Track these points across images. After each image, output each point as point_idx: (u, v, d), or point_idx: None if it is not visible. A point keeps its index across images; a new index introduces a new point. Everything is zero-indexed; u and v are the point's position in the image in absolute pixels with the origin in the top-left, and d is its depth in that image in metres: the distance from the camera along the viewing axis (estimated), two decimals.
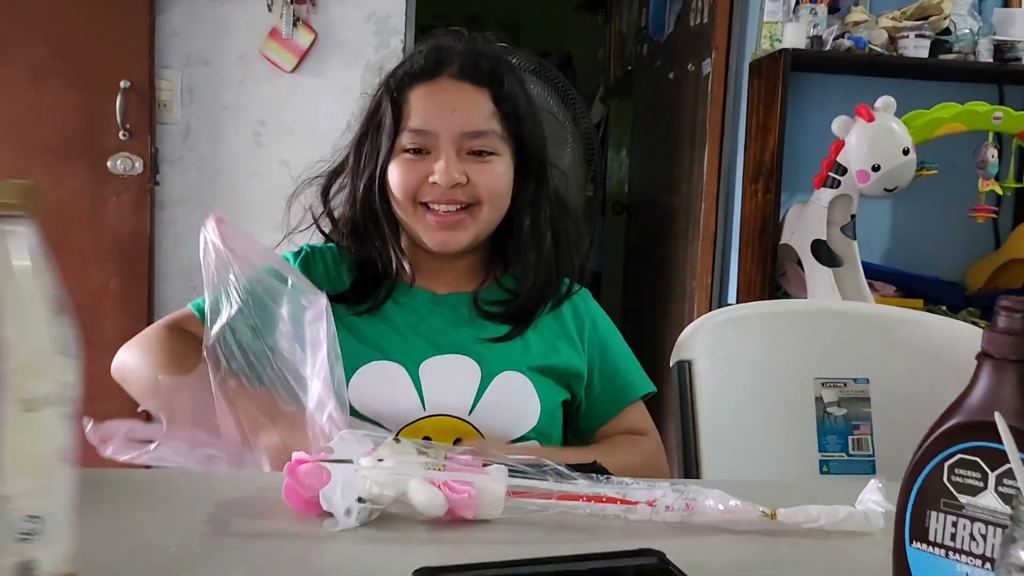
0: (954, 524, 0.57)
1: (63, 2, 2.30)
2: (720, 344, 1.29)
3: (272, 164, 2.48)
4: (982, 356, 0.56)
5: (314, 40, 2.44)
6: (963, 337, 1.29)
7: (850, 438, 1.47)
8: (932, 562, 0.58)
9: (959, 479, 0.56)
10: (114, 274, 2.32)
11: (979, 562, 0.55)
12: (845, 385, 1.43)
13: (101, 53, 2.30)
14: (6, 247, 0.49)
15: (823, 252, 2.22)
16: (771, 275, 2.38)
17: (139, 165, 2.33)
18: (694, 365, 1.24)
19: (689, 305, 2.74)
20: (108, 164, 2.32)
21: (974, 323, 2.28)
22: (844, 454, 1.46)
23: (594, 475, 0.79)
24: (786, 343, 1.36)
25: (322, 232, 1.12)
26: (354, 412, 0.95)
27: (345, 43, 2.47)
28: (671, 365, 1.26)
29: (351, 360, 0.97)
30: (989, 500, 0.55)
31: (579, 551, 0.66)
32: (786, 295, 2.40)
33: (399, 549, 0.69)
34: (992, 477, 0.55)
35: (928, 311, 2.08)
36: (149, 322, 2.38)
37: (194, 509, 0.75)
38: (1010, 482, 0.53)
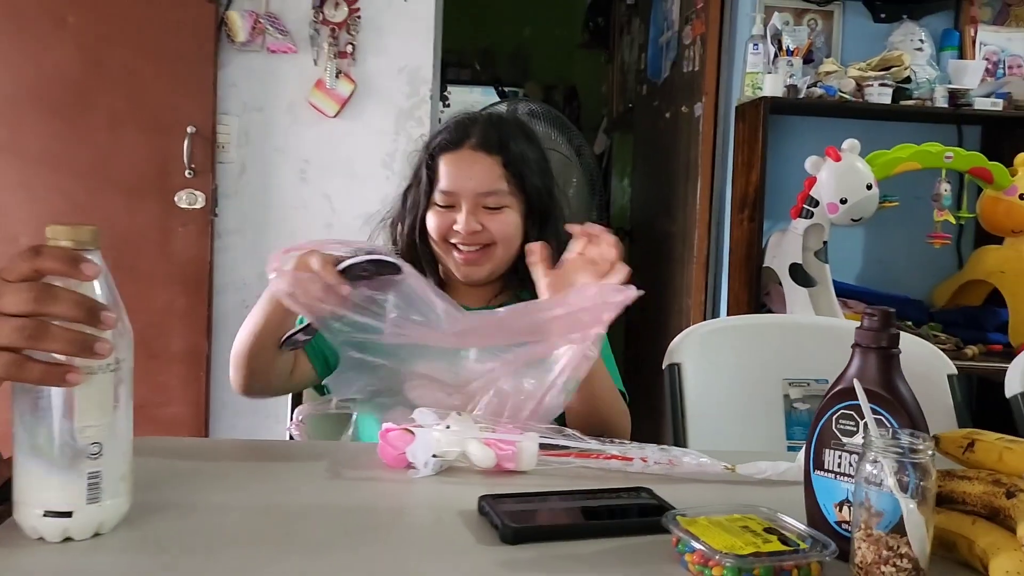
0: (839, 457, 0.79)
1: (139, 58, 2.53)
2: (705, 350, 1.51)
3: (315, 198, 2.71)
4: (854, 346, 0.81)
5: (353, 89, 2.66)
6: (906, 344, 1.56)
7: None
8: (827, 484, 0.80)
9: (841, 426, 0.80)
10: (180, 294, 2.52)
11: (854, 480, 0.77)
12: (809, 384, 1.63)
13: (171, 102, 2.53)
14: None
15: (799, 274, 2.38)
16: (756, 294, 2.54)
17: (202, 199, 2.56)
18: (683, 368, 1.47)
19: (686, 321, 2.90)
20: (175, 199, 2.55)
21: (935, 336, 2.49)
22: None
23: (601, 438, 1.05)
24: (760, 350, 1.57)
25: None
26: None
27: (380, 91, 2.69)
28: (663, 367, 1.48)
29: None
30: (859, 439, 0.78)
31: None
32: (770, 311, 2.54)
33: (462, 489, 0.91)
34: (861, 424, 0.78)
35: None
36: (209, 336, 2.67)
37: (315, 465, 1.01)
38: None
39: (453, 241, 1.26)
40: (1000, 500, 0.78)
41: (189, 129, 2.55)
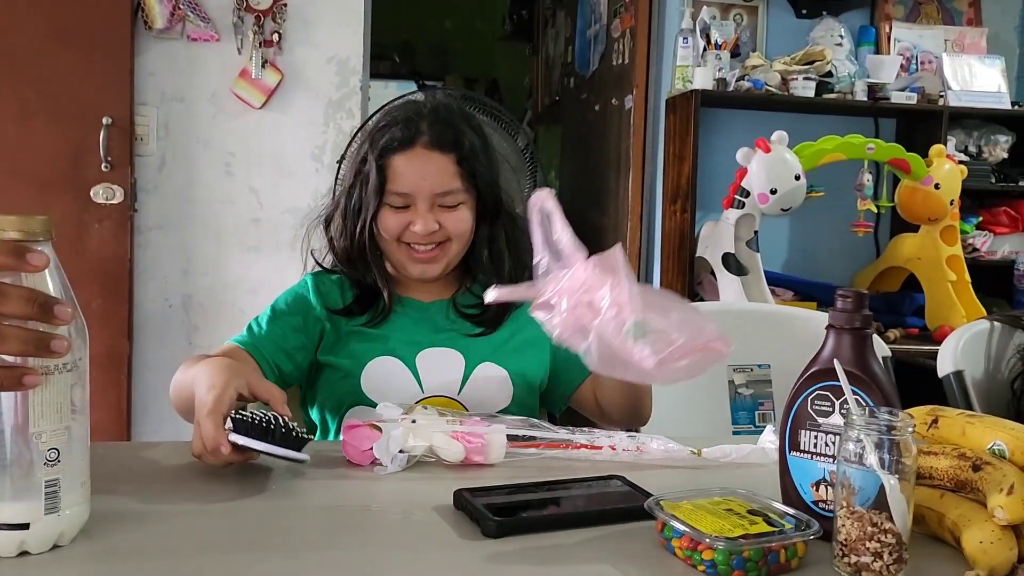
0: (815, 437, 0.80)
1: (49, 44, 2.39)
2: None
3: (242, 192, 2.62)
4: (828, 327, 0.82)
5: (280, 80, 2.59)
6: None
7: (756, 412, 1.75)
8: (804, 464, 0.81)
9: (817, 407, 0.81)
10: (97, 294, 2.40)
11: (831, 460, 0.78)
12: (752, 370, 1.70)
13: (84, 92, 2.41)
14: None
15: (732, 263, 2.44)
16: (690, 284, 2.60)
17: (120, 194, 2.45)
18: None
19: None
20: (91, 193, 2.43)
21: None
22: (751, 425, 1.73)
23: (569, 428, 1.05)
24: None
25: (321, 267, 1.31)
26: (366, 399, 1.18)
27: (309, 82, 2.62)
28: None
29: (361, 357, 1.21)
30: (835, 419, 0.79)
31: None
32: (702, 300, 2.56)
33: (433, 484, 0.90)
34: (837, 404, 0.80)
35: (820, 311, 2.34)
36: (130, 337, 2.55)
37: (277, 465, 0.96)
38: (847, 406, 0.77)
39: (408, 241, 1.23)
40: (967, 473, 0.81)
41: (105, 120, 2.43)
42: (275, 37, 2.58)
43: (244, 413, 0.93)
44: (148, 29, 2.52)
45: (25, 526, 0.68)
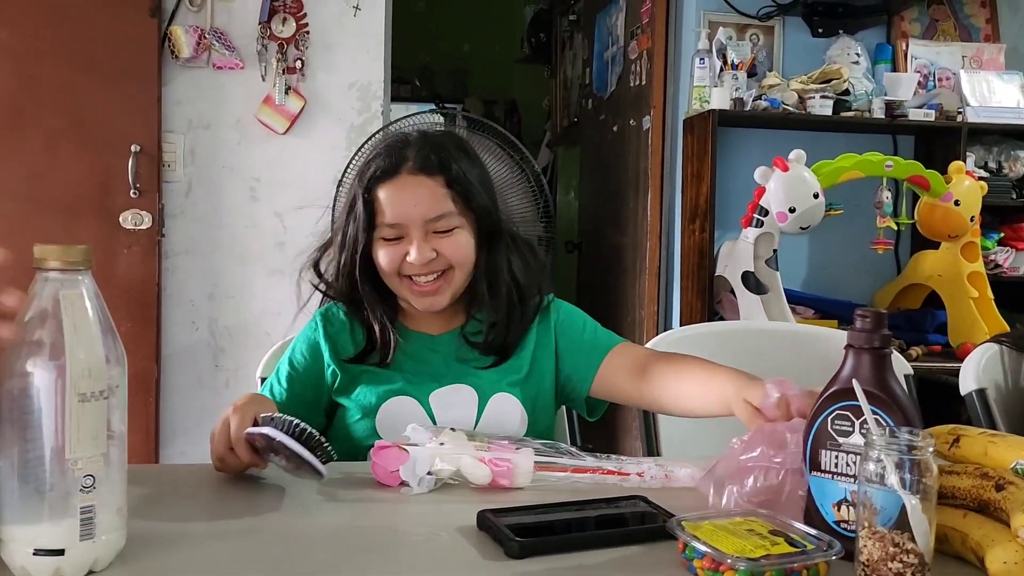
0: (836, 457, 0.81)
1: (78, 74, 2.45)
2: None
3: (266, 216, 2.66)
4: (847, 347, 0.83)
5: (303, 106, 2.63)
6: None
7: None
8: (825, 484, 0.82)
9: (837, 427, 0.81)
10: (126, 319, 2.43)
11: (852, 480, 0.79)
12: None
13: (113, 120, 2.45)
14: (77, 291, 0.72)
15: (751, 282, 2.43)
16: (709, 303, 2.59)
17: (148, 220, 2.48)
18: None
19: (639, 332, 2.95)
20: (120, 219, 2.47)
21: None
22: None
23: (597, 453, 1.06)
24: (724, 355, 1.54)
25: (329, 297, 1.28)
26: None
27: (331, 108, 2.66)
28: None
29: (374, 400, 1.19)
30: (855, 439, 0.80)
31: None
32: (722, 319, 2.57)
33: (458, 506, 0.91)
34: (857, 424, 0.80)
35: (841, 329, 2.31)
36: (158, 360, 2.58)
37: (306, 487, 0.99)
38: (867, 426, 0.77)
39: (408, 273, 1.18)
40: (990, 493, 0.81)
41: (133, 147, 2.48)
42: (298, 64, 2.63)
43: (275, 415, 0.95)
44: (175, 58, 2.57)
45: (61, 552, 0.70)
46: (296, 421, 0.95)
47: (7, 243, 2.64)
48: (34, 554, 0.70)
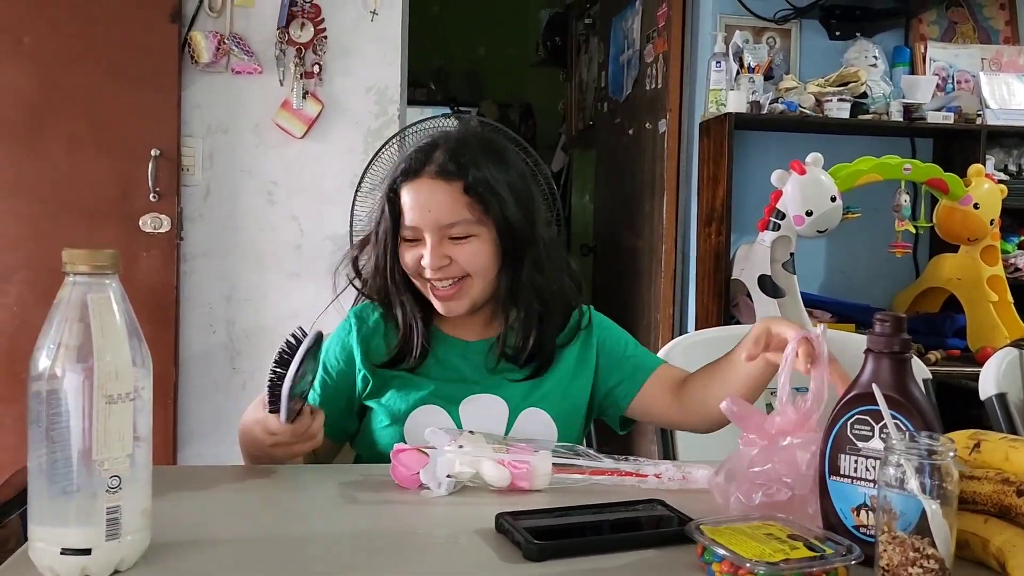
0: (855, 461, 0.81)
1: (99, 79, 2.47)
2: (691, 361, 1.43)
3: (283, 219, 2.67)
4: (867, 351, 0.83)
5: (321, 110, 2.65)
6: None
7: None
8: (844, 489, 0.82)
9: (856, 431, 0.81)
10: (145, 321, 2.39)
11: (871, 485, 0.79)
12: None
13: (133, 125, 2.48)
14: (105, 294, 0.73)
15: (768, 285, 2.41)
16: (725, 306, 2.57)
17: (167, 223, 2.51)
18: None
19: (655, 335, 2.95)
20: (140, 223, 2.49)
21: None
22: None
23: (615, 455, 1.06)
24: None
25: (363, 294, 1.29)
26: None
27: (348, 112, 2.67)
28: None
29: (404, 406, 1.19)
30: (875, 443, 0.80)
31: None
32: (738, 323, 2.55)
33: (477, 508, 0.92)
34: (876, 428, 0.80)
35: (859, 333, 2.31)
36: (176, 363, 2.61)
37: (326, 489, 1.01)
38: (886, 431, 0.77)
39: (426, 276, 1.18)
40: (1011, 498, 0.81)
41: (153, 152, 2.51)
42: (316, 68, 2.65)
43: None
44: (195, 63, 2.59)
45: (87, 551, 0.71)
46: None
47: (30, 245, 2.70)
48: (61, 553, 0.71)
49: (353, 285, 1.27)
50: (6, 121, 2.48)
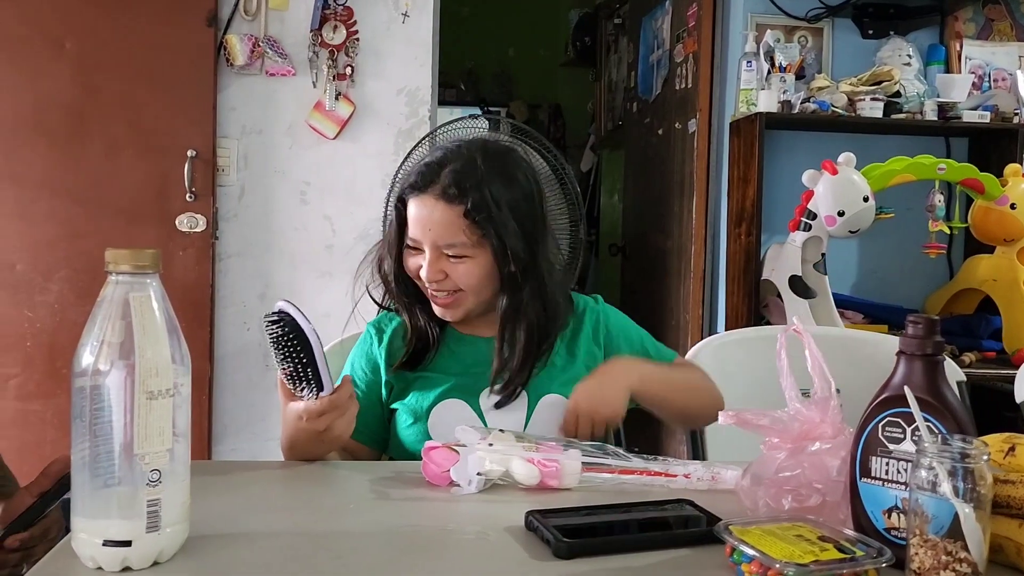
0: (887, 464, 0.80)
1: (138, 83, 2.52)
2: (720, 362, 1.52)
3: (316, 219, 2.70)
4: (899, 353, 0.82)
5: (353, 111, 2.67)
6: None
7: None
8: (875, 491, 0.81)
9: (888, 434, 0.81)
10: (181, 319, 2.45)
11: (903, 487, 0.79)
12: None
13: (170, 127, 2.52)
14: (146, 293, 0.74)
15: (799, 286, 2.40)
16: (755, 307, 2.56)
17: (202, 223, 2.55)
18: None
19: (683, 336, 2.94)
20: (176, 222, 2.53)
21: None
22: None
23: (644, 455, 1.07)
24: (769, 360, 1.58)
25: (380, 306, 1.35)
26: None
27: (380, 113, 2.69)
28: None
29: (426, 402, 1.23)
30: (907, 446, 0.79)
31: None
32: (768, 324, 2.54)
33: (507, 506, 0.93)
34: (908, 431, 0.80)
35: (891, 335, 2.24)
36: (211, 359, 2.65)
37: (358, 486, 1.03)
38: (919, 433, 0.77)
39: (425, 284, 1.24)
40: None
41: (189, 153, 2.54)
42: (348, 70, 2.67)
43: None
44: (230, 66, 2.63)
45: (128, 543, 0.73)
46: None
47: (71, 245, 2.76)
48: (103, 545, 0.73)
49: (370, 295, 1.32)
50: (49, 124, 2.53)
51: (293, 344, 0.98)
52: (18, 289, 2.53)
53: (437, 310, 1.26)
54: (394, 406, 1.27)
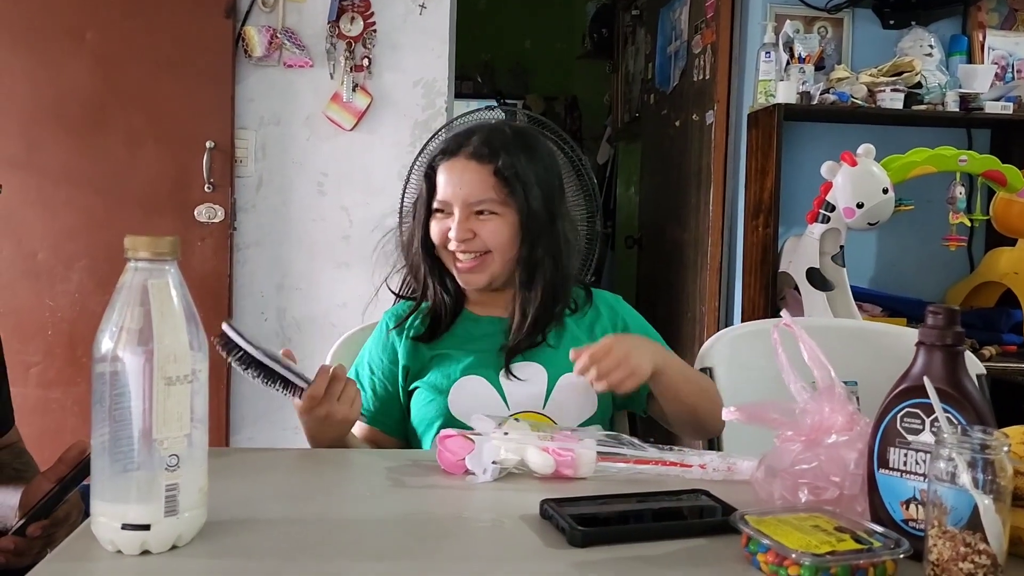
0: (905, 455, 0.80)
1: (157, 74, 2.54)
2: (735, 354, 1.52)
3: (333, 210, 2.71)
4: (919, 344, 0.81)
5: (370, 103, 2.67)
6: None
7: None
8: (893, 482, 0.81)
9: (907, 425, 0.80)
10: (199, 309, 2.49)
11: (921, 479, 0.78)
12: None
13: (189, 118, 2.53)
14: (164, 280, 0.75)
15: (817, 278, 2.38)
16: (772, 299, 2.55)
17: (221, 213, 2.56)
18: (714, 372, 1.49)
19: (699, 328, 2.93)
20: (195, 213, 2.55)
21: None
22: None
23: (659, 445, 1.07)
24: (785, 352, 1.62)
25: (397, 295, 1.38)
26: (453, 419, 1.22)
27: (397, 104, 2.70)
28: None
29: (447, 378, 1.25)
30: (926, 437, 0.79)
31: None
32: None
33: (522, 494, 0.93)
34: (927, 421, 0.79)
35: (910, 327, 2.27)
36: None
37: (375, 473, 1.04)
38: (938, 424, 0.77)
39: (451, 249, 1.27)
40: None
41: (208, 144, 2.55)
42: (365, 62, 2.67)
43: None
44: (248, 57, 2.64)
45: (147, 527, 0.73)
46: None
47: (90, 235, 2.78)
48: (122, 528, 0.74)
49: (389, 288, 1.36)
50: (69, 115, 2.55)
51: (248, 362, 1.03)
52: (40, 278, 2.56)
53: (461, 278, 1.28)
54: (414, 385, 1.28)
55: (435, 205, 1.27)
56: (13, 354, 2.52)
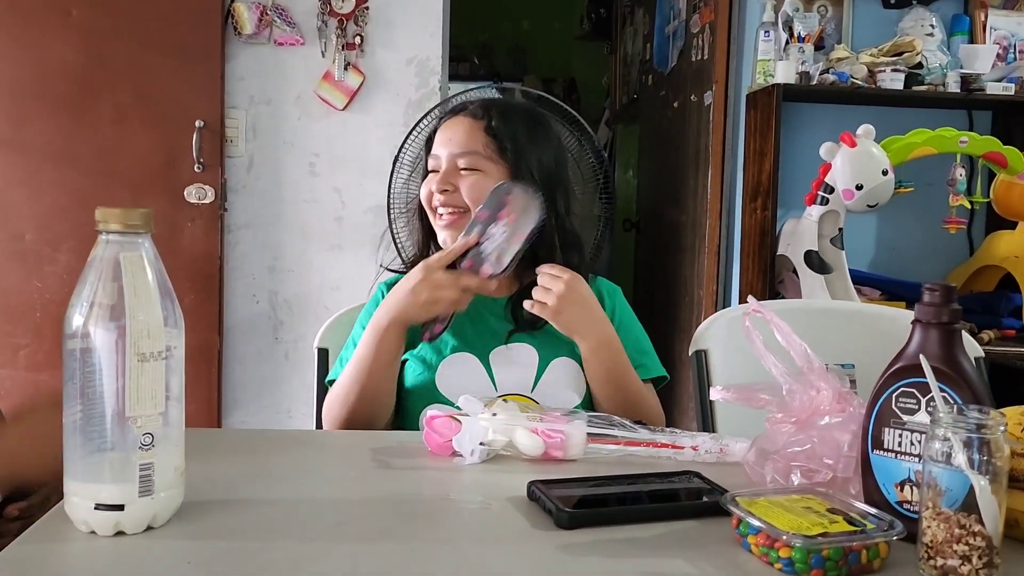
0: (900, 435, 0.78)
1: (144, 51, 2.50)
2: (731, 336, 1.48)
3: (325, 191, 2.69)
4: (915, 322, 0.79)
5: (362, 81, 2.65)
6: None
7: None
8: (887, 463, 0.79)
9: (902, 404, 0.78)
10: (189, 291, 2.49)
11: (916, 459, 0.77)
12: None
13: (178, 96, 2.51)
14: (137, 253, 0.73)
15: (815, 261, 2.37)
16: (770, 282, 2.53)
17: (211, 194, 2.54)
18: (709, 354, 1.47)
19: (697, 312, 2.92)
20: (184, 193, 2.53)
21: None
22: None
23: (651, 427, 1.05)
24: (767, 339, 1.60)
25: (391, 270, 1.38)
26: (440, 396, 1.20)
27: (389, 83, 2.67)
28: (690, 354, 1.47)
29: (437, 353, 1.23)
30: (921, 417, 0.77)
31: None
32: (783, 299, 2.47)
33: (510, 476, 0.92)
34: (923, 401, 0.77)
35: (908, 310, 2.25)
36: (220, 332, 2.65)
37: (360, 455, 1.01)
38: (933, 404, 0.75)
39: (434, 205, 1.26)
40: None
41: (197, 123, 2.53)
42: (357, 40, 2.64)
43: None
44: (238, 35, 2.61)
45: (120, 507, 0.72)
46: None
47: (78, 215, 2.75)
48: (95, 508, 0.72)
49: (388, 269, 1.36)
50: (55, 93, 2.52)
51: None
52: (27, 259, 2.54)
53: (443, 234, 1.26)
54: (404, 357, 1.26)
55: (428, 164, 1.29)
56: (2, 336, 2.52)
